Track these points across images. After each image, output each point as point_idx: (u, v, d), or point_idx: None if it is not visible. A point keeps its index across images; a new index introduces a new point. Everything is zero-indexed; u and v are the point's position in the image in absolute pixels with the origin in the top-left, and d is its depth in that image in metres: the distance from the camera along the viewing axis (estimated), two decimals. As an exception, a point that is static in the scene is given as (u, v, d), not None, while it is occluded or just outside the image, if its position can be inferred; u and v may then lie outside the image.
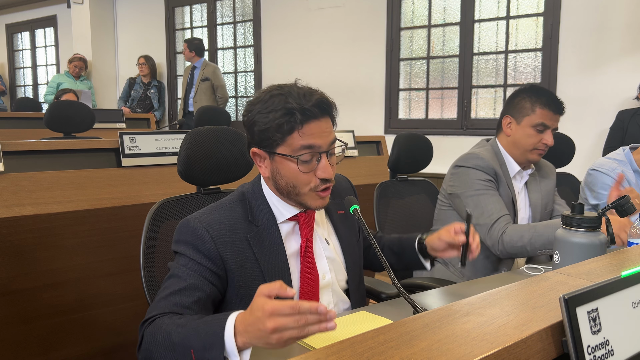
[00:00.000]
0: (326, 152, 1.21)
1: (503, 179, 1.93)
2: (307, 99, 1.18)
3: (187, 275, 1.16)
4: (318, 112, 1.18)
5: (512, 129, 1.96)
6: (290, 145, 1.19)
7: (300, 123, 1.17)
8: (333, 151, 1.24)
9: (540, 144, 1.92)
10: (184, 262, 1.19)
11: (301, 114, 1.16)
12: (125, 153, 2.27)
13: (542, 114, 1.90)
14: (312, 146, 1.19)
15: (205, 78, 5.65)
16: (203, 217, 1.23)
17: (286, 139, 1.18)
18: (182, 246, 1.21)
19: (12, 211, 1.89)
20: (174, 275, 1.17)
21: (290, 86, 1.22)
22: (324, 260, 1.33)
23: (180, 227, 1.23)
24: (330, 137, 1.22)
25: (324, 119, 1.21)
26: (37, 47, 8.47)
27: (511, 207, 1.93)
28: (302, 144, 1.18)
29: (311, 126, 1.18)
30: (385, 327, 0.70)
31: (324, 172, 1.21)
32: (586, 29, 3.91)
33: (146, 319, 1.11)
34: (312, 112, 1.17)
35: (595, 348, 0.68)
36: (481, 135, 4.66)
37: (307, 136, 1.18)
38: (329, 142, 1.21)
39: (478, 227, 1.82)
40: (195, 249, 1.19)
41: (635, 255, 1.09)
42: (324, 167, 1.21)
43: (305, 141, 1.18)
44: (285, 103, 1.17)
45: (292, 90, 1.20)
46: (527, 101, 1.92)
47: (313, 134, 1.18)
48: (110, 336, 2.14)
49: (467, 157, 1.95)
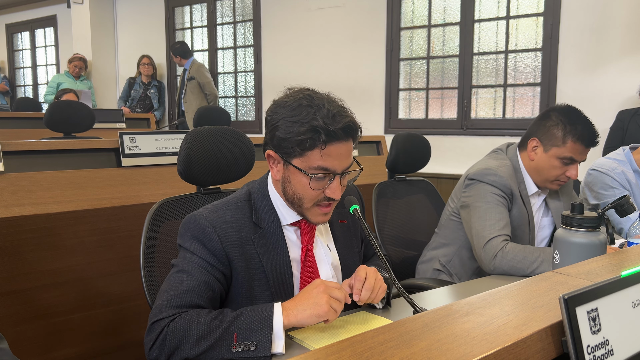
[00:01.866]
0: (340, 175, 1.21)
1: (519, 199, 1.83)
2: (337, 120, 1.15)
3: (197, 273, 1.16)
4: (343, 136, 1.16)
5: (537, 155, 1.83)
6: (307, 161, 1.17)
7: (324, 143, 1.15)
8: (347, 172, 1.23)
9: (563, 176, 1.81)
10: (191, 259, 1.18)
11: (326, 135, 1.14)
12: (125, 153, 2.27)
13: (573, 148, 1.77)
14: (328, 169, 1.18)
15: (190, 77, 5.68)
16: (210, 214, 1.22)
17: (305, 154, 1.17)
18: (189, 241, 1.20)
19: (12, 211, 1.89)
20: (184, 272, 1.17)
21: (321, 99, 1.18)
22: (327, 266, 1.33)
23: (187, 222, 1.23)
24: (348, 160, 1.21)
25: (348, 142, 1.19)
26: (37, 47, 8.47)
27: (527, 226, 1.86)
28: (319, 165, 1.17)
29: (332, 148, 1.16)
30: (385, 327, 0.70)
31: (332, 193, 1.21)
32: (586, 29, 3.91)
33: (162, 317, 1.10)
34: (337, 135, 1.15)
35: (595, 348, 0.68)
36: (481, 135, 4.64)
37: (327, 157, 1.16)
38: (346, 165, 1.21)
39: (476, 239, 1.76)
40: (203, 245, 1.19)
41: (635, 255, 1.09)
42: (334, 188, 1.20)
43: (324, 162, 1.17)
44: (312, 119, 1.14)
45: (322, 105, 1.16)
46: (560, 129, 1.78)
47: (332, 156, 1.17)
48: (110, 336, 2.14)
49: (484, 171, 1.84)
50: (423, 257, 2.07)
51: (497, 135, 4.29)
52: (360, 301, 1.17)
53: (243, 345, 1.04)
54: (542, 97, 4.16)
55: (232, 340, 1.05)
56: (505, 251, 1.68)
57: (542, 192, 1.94)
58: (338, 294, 1.11)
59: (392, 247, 2.14)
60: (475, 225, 1.78)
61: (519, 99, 4.37)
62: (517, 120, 4.32)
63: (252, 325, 1.06)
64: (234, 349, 1.04)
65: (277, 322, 1.07)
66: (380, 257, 1.20)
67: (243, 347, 1.04)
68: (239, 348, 1.04)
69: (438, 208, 2.30)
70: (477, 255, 1.76)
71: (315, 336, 1.15)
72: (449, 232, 2.00)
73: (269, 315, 1.07)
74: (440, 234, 2.04)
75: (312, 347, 1.11)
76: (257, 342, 1.05)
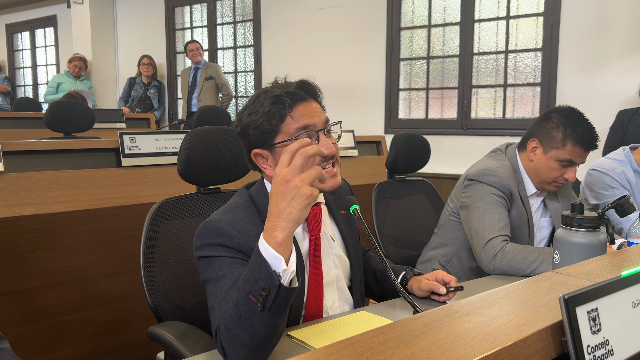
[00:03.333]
0: (323, 130, 1.23)
1: (518, 199, 1.84)
2: (290, 85, 1.24)
3: (231, 270, 1.11)
4: (304, 94, 1.23)
5: (536, 156, 1.84)
6: (287, 132, 1.21)
7: (290, 107, 1.20)
8: (329, 129, 1.26)
9: (561, 178, 1.82)
10: (220, 263, 1.14)
11: (288, 97, 1.20)
12: (125, 153, 2.27)
13: (572, 151, 1.77)
14: (307, 126, 1.20)
15: (209, 77, 5.69)
16: (224, 216, 1.20)
17: (280, 127, 1.21)
18: (210, 249, 1.15)
19: (12, 211, 1.89)
20: (219, 279, 1.11)
21: (272, 83, 1.27)
22: (330, 257, 1.33)
23: (203, 230, 1.18)
24: (322, 116, 1.24)
25: (311, 101, 1.24)
26: (37, 47, 8.48)
27: (526, 227, 1.86)
28: (296, 127, 1.20)
29: (300, 108, 1.21)
30: (385, 327, 0.69)
31: (326, 149, 1.20)
32: (586, 29, 3.91)
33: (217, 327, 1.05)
34: (297, 94, 1.21)
35: (595, 348, 0.68)
36: (481, 135, 4.65)
37: (299, 118, 1.20)
38: (322, 120, 1.23)
39: (476, 239, 1.77)
40: (225, 247, 1.15)
41: (635, 255, 1.09)
42: (324, 143, 1.21)
43: (299, 123, 1.20)
44: (270, 95, 1.21)
45: (274, 84, 1.26)
46: (560, 132, 1.77)
47: (304, 115, 1.21)
48: (110, 336, 2.14)
49: (483, 172, 1.83)
50: (422, 257, 2.08)
51: (497, 135, 4.29)
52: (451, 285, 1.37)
53: (262, 298, 0.97)
54: (542, 97, 4.16)
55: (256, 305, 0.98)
56: (505, 251, 1.68)
57: (540, 193, 1.94)
58: (305, 172, 0.99)
59: (392, 247, 2.14)
60: (475, 226, 1.78)
61: (519, 99, 4.37)
62: (517, 120, 4.32)
63: (251, 276, 0.99)
64: (259, 307, 0.97)
65: (265, 251, 0.98)
66: (381, 256, 1.21)
67: (263, 299, 0.97)
68: (261, 304, 0.97)
69: (437, 208, 2.30)
70: (477, 256, 1.76)
71: (315, 336, 1.15)
72: (448, 232, 2.00)
73: (258, 254, 1.00)
74: (439, 234, 2.04)
75: (312, 347, 1.11)
76: (266, 284, 0.97)
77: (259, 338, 1.00)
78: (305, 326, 1.23)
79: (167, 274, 1.47)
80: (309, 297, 1.27)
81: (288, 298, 0.99)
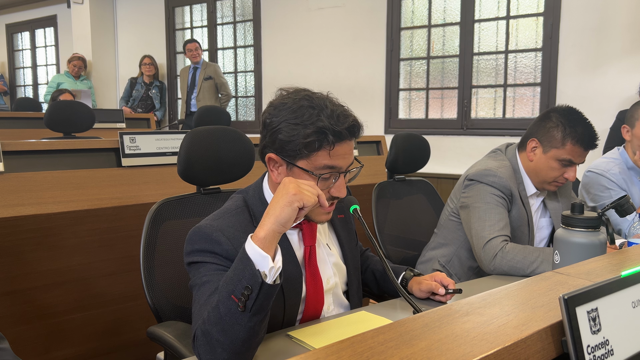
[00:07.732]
0: (344, 172, 1.21)
1: (518, 199, 1.83)
2: (342, 120, 1.16)
3: (215, 277, 1.11)
4: (348, 135, 1.17)
5: (536, 155, 1.84)
6: (314, 162, 1.17)
7: (332, 144, 1.15)
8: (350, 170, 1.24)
9: (561, 178, 1.82)
10: (206, 269, 1.13)
11: (334, 135, 1.14)
12: (125, 153, 2.27)
13: (572, 150, 1.77)
14: (334, 167, 1.18)
15: (208, 77, 5.68)
16: (214, 222, 1.19)
17: (312, 155, 1.16)
18: (199, 255, 1.15)
19: (12, 211, 1.89)
20: (203, 284, 1.11)
21: (322, 100, 1.18)
22: (328, 266, 1.33)
23: (192, 236, 1.18)
24: (351, 158, 1.22)
25: (352, 141, 1.20)
26: (37, 47, 8.47)
27: (526, 227, 1.86)
28: (326, 164, 1.17)
29: (338, 148, 1.17)
30: (385, 327, 0.70)
31: (338, 192, 1.20)
32: (586, 29, 3.91)
33: (194, 333, 1.05)
34: (344, 135, 1.16)
35: (595, 348, 0.68)
36: (481, 135, 4.65)
37: (334, 157, 1.17)
38: (349, 162, 1.21)
39: (476, 240, 1.76)
40: (213, 253, 1.14)
41: (635, 255, 1.09)
42: (340, 186, 1.20)
43: (331, 162, 1.17)
44: (317, 120, 1.14)
45: (324, 106, 1.16)
46: (559, 131, 1.77)
47: (339, 156, 1.17)
48: (110, 336, 2.14)
49: (483, 172, 1.83)
50: (422, 257, 2.07)
51: (497, 135, 4.29)
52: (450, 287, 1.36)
53: (244, 297, 0.96)
54: (542, 97, 4.16)
55: (237, 305, 0.97)
56: (505, 251, 1.68)
57: (540, 193, 1.93)
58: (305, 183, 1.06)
59: (392, 247, 2.14)
60: (475, 226, 1.78)
61: (519, 99, 4.37)
62: (517, 120, 4.32)
63: (234, 276, 0.98)
64: (240, 308, 0.96)
65: (251, 250, 0.98)
66: (381, 256, 1.21)
67: (245, 299, 0.96)
68: (242, 304, 0.96)
69: (437, 208, 2.30)
70: (477, 256, 1.76)
71: (315, 336, 1.15)
72: (448, 232, 2.00)
73: (243, 254, 0.99)
74: (439, 234, 2.04)
75: (312, 347, 1.11)
76: (249, 282, 0.96)
77: (238, 341, 0.99)
78: (305, 326, 1.23)
79: (167, 274, 1.47)
80: (307, 305, 1.27)
81: (270, 296, 0.99)
